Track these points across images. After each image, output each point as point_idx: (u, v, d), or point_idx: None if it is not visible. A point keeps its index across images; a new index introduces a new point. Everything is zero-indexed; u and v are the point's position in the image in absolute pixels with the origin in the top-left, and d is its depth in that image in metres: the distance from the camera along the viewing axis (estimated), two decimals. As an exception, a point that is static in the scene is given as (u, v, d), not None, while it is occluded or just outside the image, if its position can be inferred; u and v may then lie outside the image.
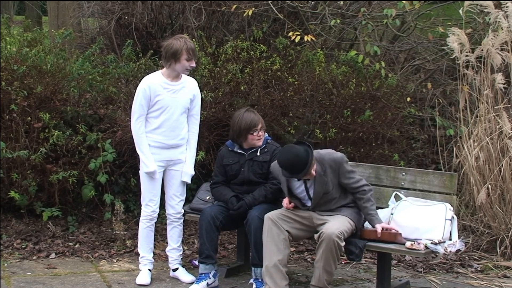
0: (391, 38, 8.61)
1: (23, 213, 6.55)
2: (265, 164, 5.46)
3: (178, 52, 5.26)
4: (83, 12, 8.59)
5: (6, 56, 6.59)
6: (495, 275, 5.95)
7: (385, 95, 7.20)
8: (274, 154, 5.43)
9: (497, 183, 6.28)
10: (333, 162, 5.10)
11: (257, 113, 5.53)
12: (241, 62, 7.01)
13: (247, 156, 5.50)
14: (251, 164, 5.49)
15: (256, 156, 5.49)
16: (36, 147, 6.34)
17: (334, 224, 4.97)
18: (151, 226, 5.50)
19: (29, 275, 5.61)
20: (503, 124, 6.35)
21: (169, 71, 5.36)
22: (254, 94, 6.90)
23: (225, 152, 5.59)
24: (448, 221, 5.10)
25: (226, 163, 5.53)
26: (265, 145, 5.52)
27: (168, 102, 5.32)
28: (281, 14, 7.60)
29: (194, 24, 7.59)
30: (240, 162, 5.51)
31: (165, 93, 5.32)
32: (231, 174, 5.53)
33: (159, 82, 5.33)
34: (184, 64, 5.29)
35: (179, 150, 5.47)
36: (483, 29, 7.16)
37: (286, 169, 4.96)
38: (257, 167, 5.48)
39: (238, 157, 5.52)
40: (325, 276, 4.96)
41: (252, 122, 5.41)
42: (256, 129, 5.42)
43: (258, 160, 5.48)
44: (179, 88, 5.38)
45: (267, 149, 5.51)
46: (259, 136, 5.46)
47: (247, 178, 5.49)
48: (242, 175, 5.49)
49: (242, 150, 5.53)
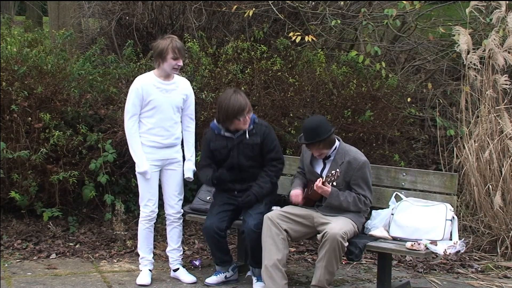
0: (392, 38, 8.61)
1: (23, 213, 6.56)
2: (256, 146, 5.29)
3: (164, 51, 5.30)
4: (83, 12, 8.59)
5: (6, 57, 6.60)
6: (495, 275, 5.95)
7: (385, 95, 7.20)
8: (264, 135, 5.29)
9: (497, 183, 6.28)
10: (354, 160, 5.15)
11: (244, 95, 5.28)
12: (241, 62, 7.02)
13: (235, 140, 5.31)
14: (240, 147, 5.30)
15: (246, 139, 5.29)
16: (36, 148, 6.34)
17: (338, 224, 4.99)
18: (150, 227, 5.51)
19: (29, 275, 5.61)
20: (503, 125, 6.35)
21: (160, 71, 5.39)
22: (254, 94, 6.90)
23: (211, 136, 5.39)
24: (448, 221, 5.10)
25: (214, 147, 5.36)
26: (253, 126, 5.32)
27: (161, 102, 5.34)
28: (282, 14, 7.61)
29: (194, 24, 7.60)
30: (229, 146, 5.31)
31: (158, 92, 5.34)
32: (220, 158, 5.36)
33: (151, 82, 5.35)
34: (171, 62, 5.31)
35: (174, 149, 5.47)
36: (483, 30, 7.17)
37: (305, 132, 5.14)
38: (248, 150, 5.29)
39: (226, 141, 5.33)
40: (327, 276, 4.97)
41: (240, 108, 5.17)
42: (243, 115, 5.21)
43: (248, 143, 5.28)
44: (171, 88, 5.40)
45: (255, 131, 5.31)
46: (245, 121, 5.25)
47: (237, 162, 5.31)
48: (232, 160, 5.31)
49: (229, 133, 5.32)
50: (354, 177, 5.15)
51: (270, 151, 5.34)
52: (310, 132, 5.12)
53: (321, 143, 5.10)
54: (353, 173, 5.14)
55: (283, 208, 5.34)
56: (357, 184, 5.16)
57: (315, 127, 5.11)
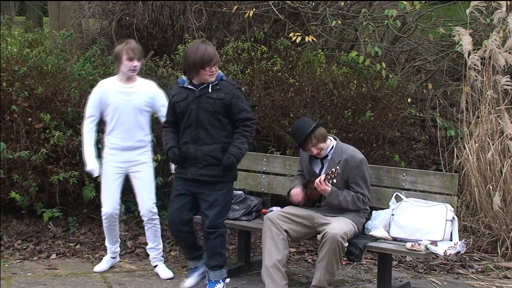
0: (392, 39, 8.62)
1: (23, 213, 6.55)
2: (218, 102, 4.91)
3: (119, 53, 5.36)
4: (84, 13, 8.59)
5: (7, 57, 6.60)
6: (495, 276, 5.95)
7: (385, 96, 7.21)
8: (232, 94, 4.94)
9: (498, 184, 6.28)
10: (352, 158, 5.15)
11: (212, 46, 4.98)
12: (242, 63, 7.02)
13: (197, 92, 4.97)
14: (201, 101, 4.95)
15: (208, 92, 4.94)
16: (37, 148, 6.34)
17: (338, 224, 4.99)
18: (109, 225, 5.61)
19: (29, 275, 5.61)
20: (504, 125, 6.35)
21: (120, 75, 5.45)
22: (255, 95, 6.90)
23: (175, 89, 5.14)
24: (448, 222, 5.10)
25: (175, 100, 5.07)
26: (218, 82, 4.97)
27: (120, 105, 5.39)
28: (282, 15, 7.61)
29: (195, 24, 7.60)
30: (189, 99, 4.99)
31: (118, 96, 5.40)
32: (179, 112, 5.04)
33: (112, 86, 5.44)
34: (127, 64, 5.35)
35: (137, 152, 5.49)
36: (483, 30, 7.17)
37: (293, 136, 5.25)
38: (208, 104, 4.92)
39: (187, 93, 5.02)
40: (327, 277, 4.97)
41: (206, 56, 4.86)
42: (209, 65, 4.90)
43: (211, 97, 4.93)
44: (132, 91, 5.43)
45: (220, 87, 4.96)
46: (211, 72, 4.93)
47: (195, 117, 4.95)
48: (190, 114, 4.97)
49: (192, 85, 5.02)
50: (352, 175, 5.15)
51: (241, 110, 4.96)
52: (296, 133, 5.19)
53: (311, 138, 5.11)
54: (350, 171, 5.14)
55: (283, 209, 5.35)
56: (355, 183, 5.16)
57: (298, 127, 5.20)
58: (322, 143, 5.17)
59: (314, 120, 5.31)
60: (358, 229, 5.17)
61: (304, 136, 5.10)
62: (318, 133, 5.13)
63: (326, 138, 5.20)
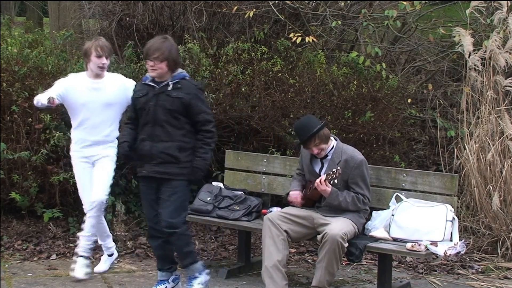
0: (392, 39, 8.62)
1: (24, 214, 6.55)
2: (176, 101, 4.83)
3: (88, 50, 5.38)
4: (84, 13, 8.58)
5: (7, 57, 6.60)
6: (496, 276, 5.95)
7: (386, 96, 7.20)
8: (192, 95, 4.85)
9: (498, 184, 6.28)
10: (352, 159, 5.16)
11: (168, 42, 4.92)
12: (242, 63, 7.02)
13: (157, 90, 4.91)
14: (160, 98, 4.88)
15: (168, 90, 4.88)
16: (37, 148, 6.34)
17: (338, 225, 4.99)
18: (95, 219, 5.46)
19: (30, 276, 5.60)
20: (504, 126, 6.35)
21: (88, 72, 5.47)
22: (255, 95, 6.90)
23: (138, 85, 5.12)
24: (449, 222, 5.10)
25: (136, 96, 5.03)
26: (180, 81, 4.89)
27: (87, 100, 5.39)
28: (282, 15, 7.61)
29: (195, 25, 7.59)
30: (149, 95, 4.93)
31: (85, 91, 5.40)
32: (138, 108, 4.98)
33: (81, 80, 5.45)
34: (95, 61, 5.36)
35: (102, 146, 5.47)
36: (483, 31, 7.17)
37: (297, 133, 5.25)
38: (167, 102, 4.84)
39: (148, 89, 4.95)
40: (327, 277, 4.97)
41: (147, 49, 4.87)
42: (149, 58, 4.86)
43: (170, 95, 4.85)
44: (99, 86, 5.43)
45: (181, 86, 4.88)
46: (151, 67, 4.87)
47: (153, 114, 4.89)
48: (148, 110, 4.91)
49: (154, 82, 4.94)
50: (352, 176, 5.15)
51: (200, 112, 4.87)
52: (301, 130, 5.18)
53: (315, 138, 5.11)
54: (350, 171, 5.15)
55: (283, 209, 5.35)
56: (356, 183, 5.16)
57: (304, 125, 5.19)
58: (324, 144, 5.18)
59: (318, 119, 5.30)
60: (358, 230, 5.17)
61: (308, 135, 5.10)
62: (322, 133, 5.14)
63: (328, 139, 5.20)
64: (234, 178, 6.18)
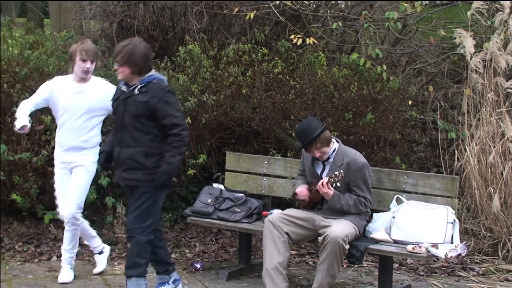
0: (393, 41, 8.62)
1: (24, 215, 6.55)
2: (141, 105, 4.67)
3: (73, 53, 5.32)
4: (85, 14, 8.59)
5: (8, 58, 6.60)
6: (496, 278, 5.95)
7: (386, 98, 7.20)
8: (158, 98, 4.67)
9: (499, 186, 6.28)
10: (354, 162, 5.16)
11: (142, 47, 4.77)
12: (242, 65, 7.01)
13: (126, 94, 4.78)
14: (128, 102, 4.75)
15: (134, 94, 4.74)
16: (37, 150, 6.34)
17: (339, 227, 4.99)
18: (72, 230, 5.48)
19: (30, 278, 5.60)
20: (505, 128, 6.35)
21: (73, 75, 5.41)
22: (255, 97, 6.90)
23: (116, 90, 5.00)
24: (449, 224, 5.10)
25: (112, 100, 4.94)
26: (146, 85, 4.73)
27: (69, 104, 5.34)
28: (283, 17, 7.60)
29: (195, 26, 7.60)
30: (119, 100, 4.82)
31: (67, 94, 5.35)
32: (113, 113, 4.93)
33: (66, 84, 5.39)
34: (80, 65, 5.30)
35: (80, 153, 5.38)
36: (484, 32, 7.17)
37: (298, 136, 5.25)
38: (132, 107, 4.71)
39: (119, 94, 4.86)
40: (328, 279, 4.97)
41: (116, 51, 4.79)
42: (115, 57, 4.78)
43: (135, 100, 4.71)
44: (83, 90, 5.36)
45: (146, 89, 4.71)
46: (117, 70, 4.78)
47: (121, 119, 4.79)
48: (118, 115, 4.82)
49: (125, 86, 4.83)
50: (354, 179, 5.15)
51: (166, 115, 4.67)
52: (302, 133, 5.18)
53: (316, 141, 5.11)
54: (352, 174, 5.15)
55: (284, 211, 5.35)
56: (357, 186, 5.16)
57: (305, 128, 5.18)
58: (326, 147, 5.17)
59: (319, 122, 5.30)
60: (359, 232, 5.17)
61: (310, 139, 5.10)
62: (323, 137, 5.13)
63: (330, 142, 5.20)
64: (234, 180, 6.18)
